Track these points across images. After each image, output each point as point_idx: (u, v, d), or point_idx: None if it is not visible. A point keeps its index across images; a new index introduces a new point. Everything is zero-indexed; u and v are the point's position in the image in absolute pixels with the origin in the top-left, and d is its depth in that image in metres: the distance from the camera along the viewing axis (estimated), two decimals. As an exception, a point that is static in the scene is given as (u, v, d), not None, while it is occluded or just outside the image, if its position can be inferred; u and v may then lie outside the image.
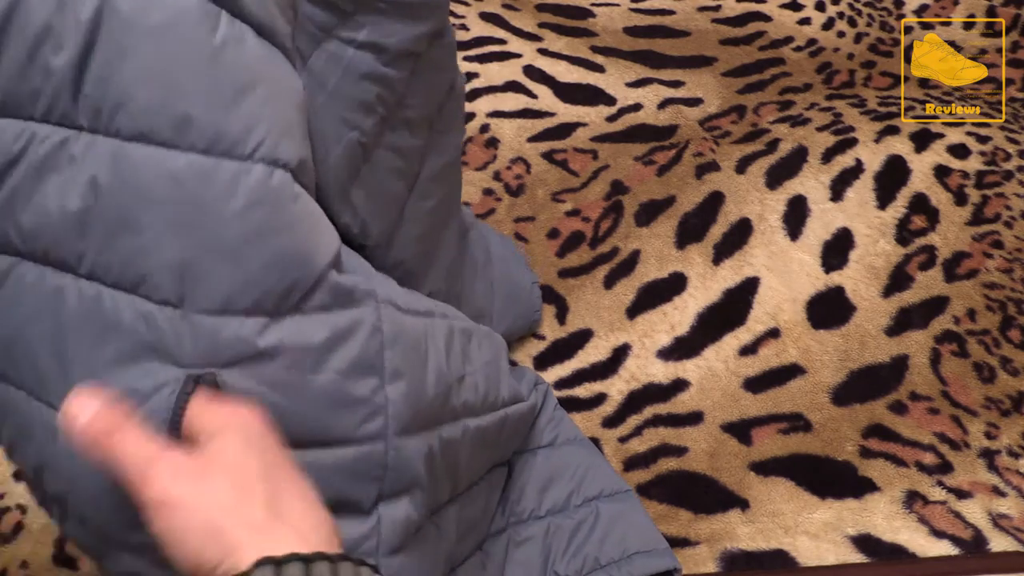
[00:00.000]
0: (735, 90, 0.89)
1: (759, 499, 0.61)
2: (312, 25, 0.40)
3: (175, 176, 0.32)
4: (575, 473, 0.58)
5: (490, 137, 0.86)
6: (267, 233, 0.33)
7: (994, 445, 0.63)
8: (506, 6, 1.00)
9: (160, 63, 0.31)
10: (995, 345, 0.68)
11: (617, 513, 0.56)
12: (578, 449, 0.60)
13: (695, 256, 0.75)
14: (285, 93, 0.35)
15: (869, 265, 0.73)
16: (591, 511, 0.56)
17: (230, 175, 0.32)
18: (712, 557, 0.58)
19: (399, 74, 0.43)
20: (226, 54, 0.32)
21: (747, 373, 0.67)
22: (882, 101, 0.86)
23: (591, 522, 0.56)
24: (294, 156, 0.34)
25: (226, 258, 0.33)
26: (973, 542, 0.58)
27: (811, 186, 0.79)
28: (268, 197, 0.33)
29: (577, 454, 0.59)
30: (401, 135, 0.46)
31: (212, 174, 0.32)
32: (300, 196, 0.35)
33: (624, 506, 0.57)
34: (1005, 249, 0.73)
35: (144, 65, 0.31)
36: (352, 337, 0.37)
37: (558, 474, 0.58)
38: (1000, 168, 0.79)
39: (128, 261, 0.33)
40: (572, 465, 0.58)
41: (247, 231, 0.33)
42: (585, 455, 0.60)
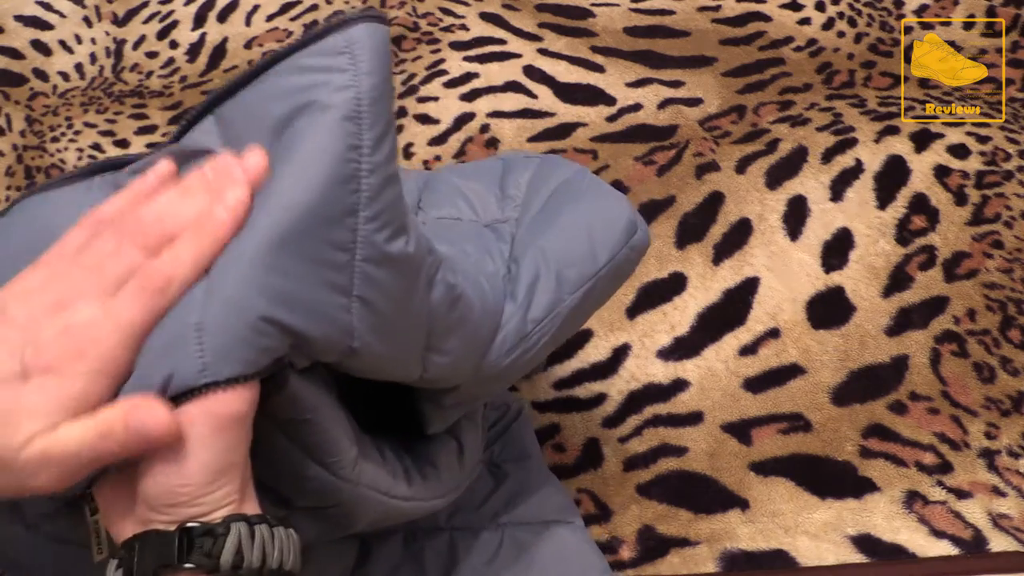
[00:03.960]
0: (735, 90, 0.89)
1: (759, 499, 0.61)
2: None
3: None
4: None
5: (490, 137, 0.86)
6: None
7: (994, 445, 0.63)
8: (506, 6, 1.00)
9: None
10: (995, 345, 0.68)
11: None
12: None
13: (695, 256, 0.75)
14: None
15: (869, 265, 0.73)
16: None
17: None
18: (712, 557, 0.58)
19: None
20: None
21: (747, 373, 0.67)
22: (882, 101, 0.86)
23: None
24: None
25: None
26: (973, 542, 0.58)
27: (811, 186, 0.79)
28: None
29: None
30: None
31: None
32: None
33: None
34: (1005, 249, 0.73)
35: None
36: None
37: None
38: (1000, 168, 0.79)
39: None
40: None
41: None
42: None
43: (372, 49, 0.33)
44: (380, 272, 0.33)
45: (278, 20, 1.02)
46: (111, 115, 0.94)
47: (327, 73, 0.32)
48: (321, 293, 0.32)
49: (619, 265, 0.48)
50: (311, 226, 0.31)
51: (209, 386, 0.29)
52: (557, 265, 0.46)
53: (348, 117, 0.32)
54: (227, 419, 0.29)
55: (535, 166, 0.54)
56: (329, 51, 0.33)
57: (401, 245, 0.34)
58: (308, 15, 1.02)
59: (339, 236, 0.32)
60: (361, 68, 0.32)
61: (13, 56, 1.02)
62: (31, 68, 1.00)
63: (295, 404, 0.34)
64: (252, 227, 0.31)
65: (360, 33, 0.33)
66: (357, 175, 0.32)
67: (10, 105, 0.96)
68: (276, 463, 0.35)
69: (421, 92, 0.92)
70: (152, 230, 0.31)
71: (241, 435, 0.30)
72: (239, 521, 0.29)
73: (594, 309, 0.49)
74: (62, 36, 1.04)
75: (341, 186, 0.32)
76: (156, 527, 0.28)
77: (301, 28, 1.01)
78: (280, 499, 0.37)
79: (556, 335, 0.46)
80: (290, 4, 1.04)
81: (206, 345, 0.29)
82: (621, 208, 0.49)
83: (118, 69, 0.99)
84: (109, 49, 1.02)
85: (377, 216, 0.32)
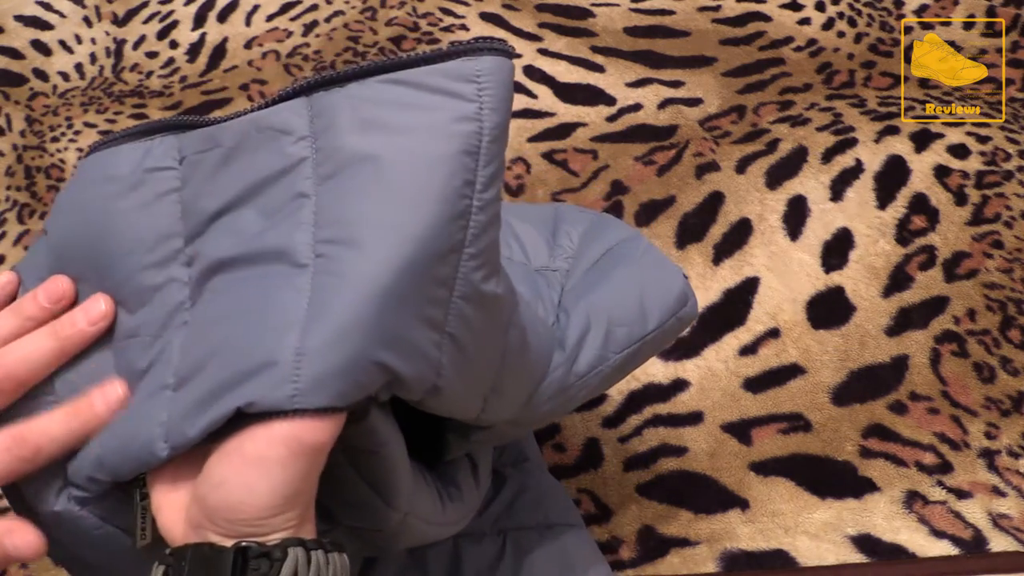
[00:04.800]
0: (735, 90, 0.89)
1: (759, 499, 0.61)
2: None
3: None
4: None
5: (490, 137, 0.86)
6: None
7: (994, 445, 0.63)
8: (506, 6, 1.00)
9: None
10: (995, 345, 0.68)
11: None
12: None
13: (695, 256, 0.75)
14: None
15: (869, 265, 0.73)
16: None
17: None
18: (712, 557, 0.58)
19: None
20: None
21: (747, 373, 0.67)
22: (882, 101, 0.86)
23: None
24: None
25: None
26: (973, 542, 0.58)
27: (811, 186, 0.79)
28: None
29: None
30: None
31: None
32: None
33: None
34: (1005, 249, 0.73)
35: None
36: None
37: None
38: (1000, 168, 0.79)
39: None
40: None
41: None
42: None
43: (501, 83, 0.32)
44: (472, 310, 0.33)
45: (278, 20, 1.02)
46: (111, 115, 0.94)
47: (452, 98, 0.31)
48: (419, 329, 0.31)
49: (665, 332, 0.48)
50: (423, 263, 0.30)
51: (298, 412, 0.28)
52: (607, 323, 0.45)
53: (467, 152, 0.31)
54: (310, 447, 0.28)
55: (589, 221, 0.54)
56: (457, 76, 0.31)
57: (493, 286, 0.33)
58: (308, 15, 1.02)
59: (443, 272, 0.31)
60: (487, 102, 0.32)
61: (13, 56, 1.02)
62: (31, 68, 1.00)
63: (371, 437, 0.33)
64: (368, 257, 0.30)
65: (491, 65, 0.32)
66: (468, 212, 0.31)
67: (10, 105, 0.96)
68: (335, 487, 0.34)
69: (421, 92, 0.91)
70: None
71: (318, 464, 0.29)
72: (297, 546, 0.28)
73: (630, 371, 0.49)
74: (62, 36, 1.04)
75: (453, 222, 0.31)
76: (211, 539, 0.28)
77: (301, 28, 1.01)
78: (325, 514, 0.37)
79: (592, 391, 0.45)
80: (290, 4, 1.04)
81: (303, 371, 0.28)
82: (675, 278, 0.49)
83: (118, 69, 0.99)
84: (109, 49, 1.02)
85: (479, 254, 0.32)
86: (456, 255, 0.31)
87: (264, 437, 0.28)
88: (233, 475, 0.28)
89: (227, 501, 0.28)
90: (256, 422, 0.28)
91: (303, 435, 0.28)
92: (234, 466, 0.28)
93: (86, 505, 0.33)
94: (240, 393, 0.28)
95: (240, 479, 0.28)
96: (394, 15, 1.01)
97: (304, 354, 0.28)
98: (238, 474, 0.28)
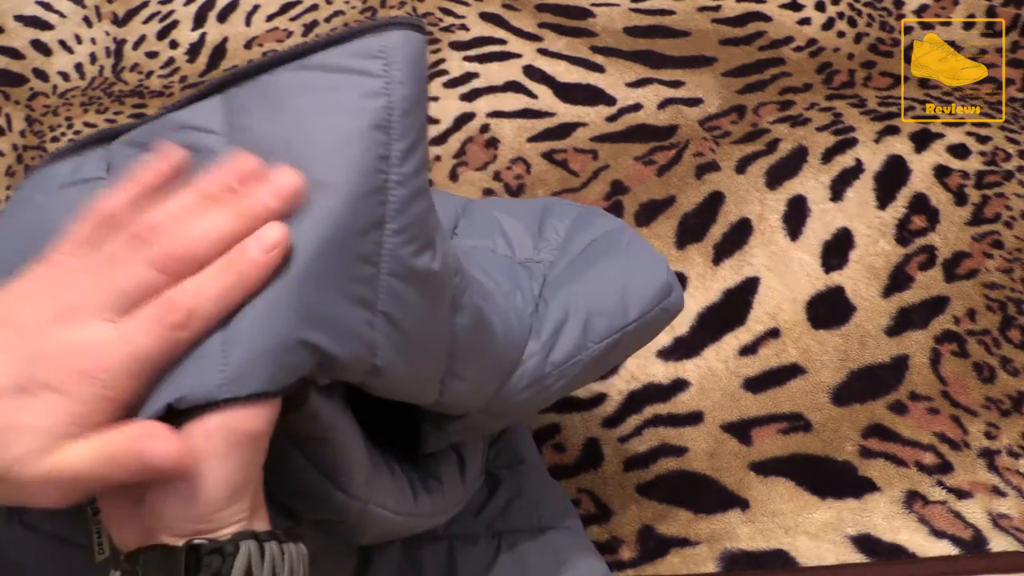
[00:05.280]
0: (735, 90, 0.89)
1: (759, 499, 0.61)
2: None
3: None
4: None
5: (490, 137, 0.86)
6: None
7: (994, 445, 0.63)
8: (506, 6, 1.00)
9: None
10: (995, 345, 0.68)
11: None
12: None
13: (695, 256, 0.75)
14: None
15: (869, 265, 0.73)
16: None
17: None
18: (712, 557, 0.58)
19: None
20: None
21: (747, 373, 0.67)
22: (882, 101, 0.86)
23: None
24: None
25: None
26: (973, 542, 0.58)
27: (811, 186, 0.79)
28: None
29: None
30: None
31: None
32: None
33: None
34: (1005, 249, 0.73)
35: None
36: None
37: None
38: (1000, 168, 0.79)
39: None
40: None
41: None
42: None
43: (408, 57, 0.31)
44: (405, 287, 0.32)
45: (278, 20, 1.02)
46: (111, 115, 0.94)
47: (358, 75, 0.31)
48: (347, 308, 0.31)
49: (648, 323, 0.48)
50: (341, 240, 0.30)
51: (229, 401, 0.28)
52: (586, 313, 0.45)
53: (378, 126, 0.31)
54: (246, 436, 0.28)
55: (576, 213, 0.54)
56: (362, 53, 0.31)
57: (426, 261, 0.33)
58: (308, 15, 1.02)
59: (365, 249, 0.31)
60: (395, 76, 0.31)
61: (13, 56, 1.02)
62: (31, 68, 1.00)
63: (314, 422, 0.33)
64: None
65: (397, 39, 0.31)
66: (385, 187, 0.31)
67: (10, 105, 0.96)
68: (286, 477, 0.34)
69: (421, 92, 0.91)
70: (167, 245, 0.29)
71: (258, 453, 0.29)
72: (249, 539, 0.28)
73: (615, 363, 0.48)
74: (62, 36, 1.04)
75: (369, 197, 0.31)
76: (163, 540, 0.28)
77: (301, 28, 1.01)
78: (287, 511, 0.36)
79: (572, 381, 0.45)
80: (290, 4, 1.04)
81: (231, 359, 0.28)
82: (658, 268, 0.49)
83: (118, 69, 0.99)
84: (109, 49, 1.02)
85: (404, 229, 0.31)
86: (378, 231, 0.31)
87: (200, 431, 0.27)
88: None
89: (174, 501, 0.27)
90: (190, 417, 0.28)
91: (238, 424, 0.28)
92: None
93: (42, 524, 0.33)
94: (169, 390, 0.28)
95: (182, 477, 0.27)
96: (394, 15, 1.01)
97: (229, 341, 0.28)
98: (179, 472, 0.27)
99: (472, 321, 0.37)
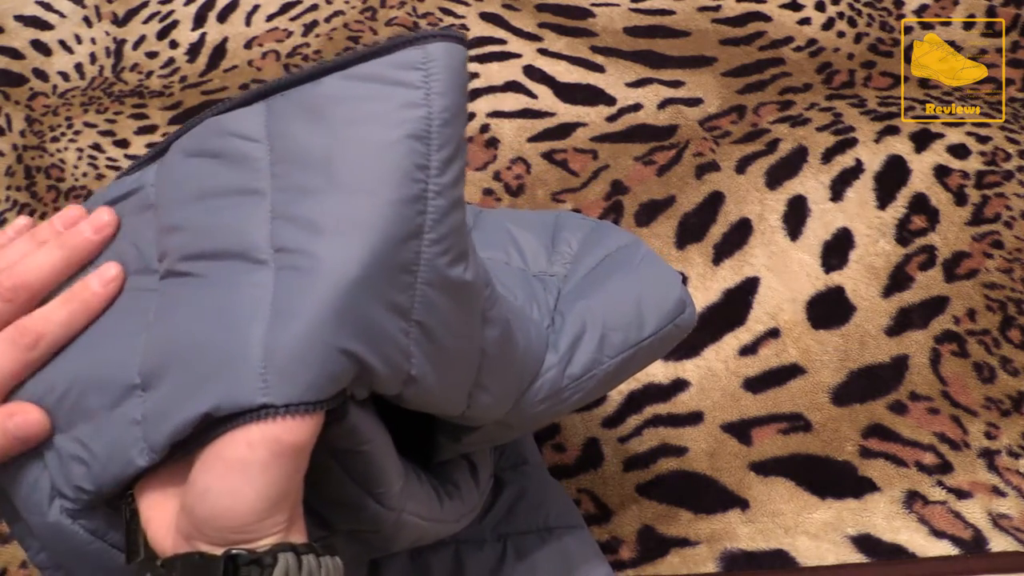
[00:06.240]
0: (735, 90, 0.89)
1: (759, 499, 0.61)
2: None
3: None
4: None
5: (490, 137, 0.86)
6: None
7: (994, 445, 0.63)
8: (506, 6, 1.00)
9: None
10: (995, 345, 0.68)
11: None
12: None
13: (695, 256, 0.75)
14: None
15: (869, 265, 0.73)
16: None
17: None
18: (712, 557, 0.58)
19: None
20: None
21: (747, 373, 0.67)
22: (882, 101, 0.86)
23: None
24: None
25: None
26: (973, 542, 0.58)
27: (811, 186, 0.79)
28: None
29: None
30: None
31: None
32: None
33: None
34: (1005, 249, 0.73)
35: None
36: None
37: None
38: (1000, 168, 0.79)
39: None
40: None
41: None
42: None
43: (448, 68, 0.32)
44: (439, 297, 0.32)
45: (278, 20, 1.02)
46: (111, 115, 0.94)
47: (398, 87, 0.31)
48: (385, 316, 0.31)
49: (662, 339, 0.48)
50: (383, 249, 0.30)
51: (269, 410, 0.28)
52: (603, 327, 0.45)
53: (416, 136, 0.31)
54: (290, 447, 0.28)
55: (589, 227, 0.54)
56: (403, 64, 0.32)
57: (460, 271, 0.33)
58: (308, 15, 1.02)
59: (405, 257, 0.31)
60: (434, 88, 0.31)
61: (13, 56, 1.02)
62: (31, 68, 1.00)
63: (353, 435, 0.33)
64: (329, 249, 0.30)
65: (438, 51, 0.32)
66: (424, 196, 0.31)
67: (10, 105, 0.96)
68: (324, 489, 0.34)
69: (421, 92, 0.91)
70: (11, 279, 0.34)
71: (300, 464, 0.29)
72: (287, 551, 0.28)
73: (626, 377, 0.49)
74: (62, 36, 1.04)
75: (409, 207, 0.31)
76: (201, 548, 0.28)
77: (301, 28, 1.01)
78: (321, 521, 0.37)
79: (586, 395, 0.45)
80: (290, 4, 1.04)
81: (270, 367, 0.28)
82: (673, 284, 0.49)
83: (118, 69, 0.99)
84: (109, 49, 1.02)
85: (441, 239, 0.32)
86: (416, 241, 0.31)
87: (243, 441, 0.28)
88: (216, 482, 0.28)
89: (214, 509, 0.28)
90: (234, 426, 0.28)
91: (282, 435, 0.28)
92: (217, 473, 0.28)
93: (77, 518, 0.33)
94: (203, 398, 0.28)
95: (224, 486, 0.28)
96: (394, 15, 1.01)
97: (271, 349, 0.28)
98: (221, 481, 0.28)
99: (500, 334, 0.38)
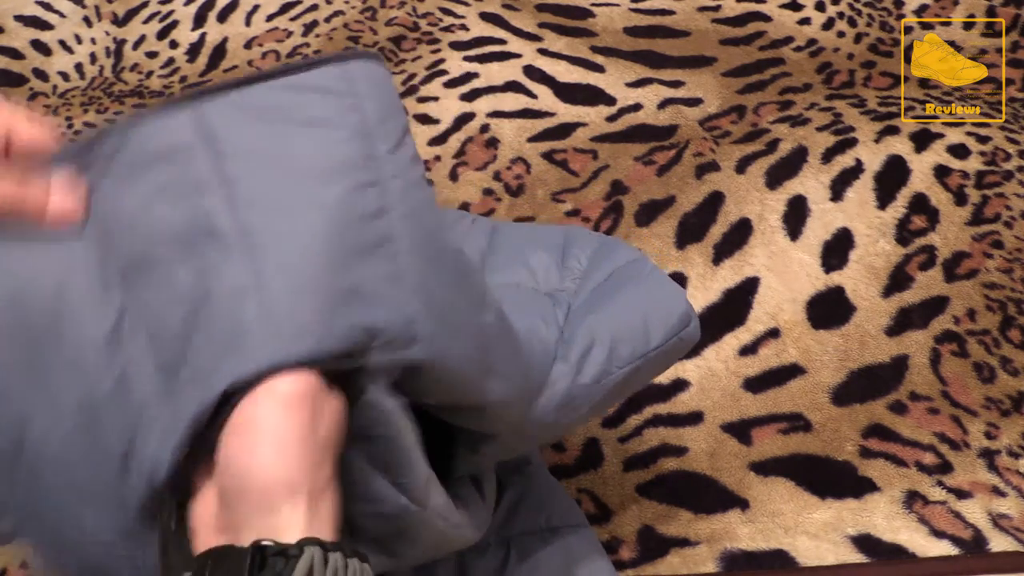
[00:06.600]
0: (735, 90, 0.89)
1: (759, 499, 0.61)
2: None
3: None
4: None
5: (490, 137, 0.86)
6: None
7: (994, 445, 0.63)
8: (506, 6, 1.00)
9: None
10: (995, 345, 0.68)
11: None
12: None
13: (695, 256, 0.75)
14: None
15: (869, 265, 0.73)
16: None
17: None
18: (712, 557, 0.58)
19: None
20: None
21: (747, 373, 0.67)
22: (882, 101, 0.86)
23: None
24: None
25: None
26: (973, 542, 0.58)
27: (811, 186, 0.79)
28: None
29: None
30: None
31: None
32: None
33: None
34: (1005, 249, 0.73)
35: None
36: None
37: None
38: (1000, 168, 0.79)
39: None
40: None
41: None
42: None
43: (368, 79, 0.34)
44: (428, 265, 0.35)
45: (278, 20, 1.02)
46: (111, 115, 0.93)
47: (327, 94, 0.34)
48: (378, 283, 0.33)
49: (667, 352, 0.50)
50: (343, 225, 0.32)
51: (264, 373, 0.29)
52: (611, 339, 0.47)
53: (358, 133, 0.34)
54: (296, 397, 0.29)
55: (597, 243, 0.56)
56: (326, 76, 0.34)
57: (443, 239, 0.36)
58: (308, 15, 1.02)
59: (378, 231, 0.33)
60: (361, 93, 0.34)
61: (13, 56, 1.02)
62: (31, 68, 1.00)
63: (372, 413, 0.34)
64: (292, 219, 0.32)
65: (355, 67, 0.34)
66: (379, 181, 0.33)
67: (10, 105, 0.96)
68: (349, 485, 0.35)
69: (421, 92, 0.91)
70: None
71: (310, 420, 0.30)
72: (314, 545, 0.28)
73: (633, 390, 0.51)
74: (62, 36, 1.04)
75: (364, 190, 0.33)
76: (233, 543, 0.28)
77: (301, 28, 1.01)
78: (347, 530, 0.37)
79: (596, 407, 0.47)
80: (290, 4, 1.04)
81: (271, 330, 0.30)
82: (678, 298, 0.51)
83: (118, 69, 0.99)
84: (109, 49, 1.02)
85: (412, 214, 0.34)
86: (384, 218, 0.34)
87: (250, 404, 0.29)
88: (236, 449, 0.29)
89: (237, 476, 0.28)
90: (242, 394, 0.29)
91: (283, 387, 0.29)
92: (235, 440, 0.29)
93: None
94: (219, 377, 0.29)
95: (242, 449, 0.29)
96: (394, 15, 1.01)
97: (266, 314, 0.30)
98: (240, 446, 0.29)
99: (496, 319, 0.39)
